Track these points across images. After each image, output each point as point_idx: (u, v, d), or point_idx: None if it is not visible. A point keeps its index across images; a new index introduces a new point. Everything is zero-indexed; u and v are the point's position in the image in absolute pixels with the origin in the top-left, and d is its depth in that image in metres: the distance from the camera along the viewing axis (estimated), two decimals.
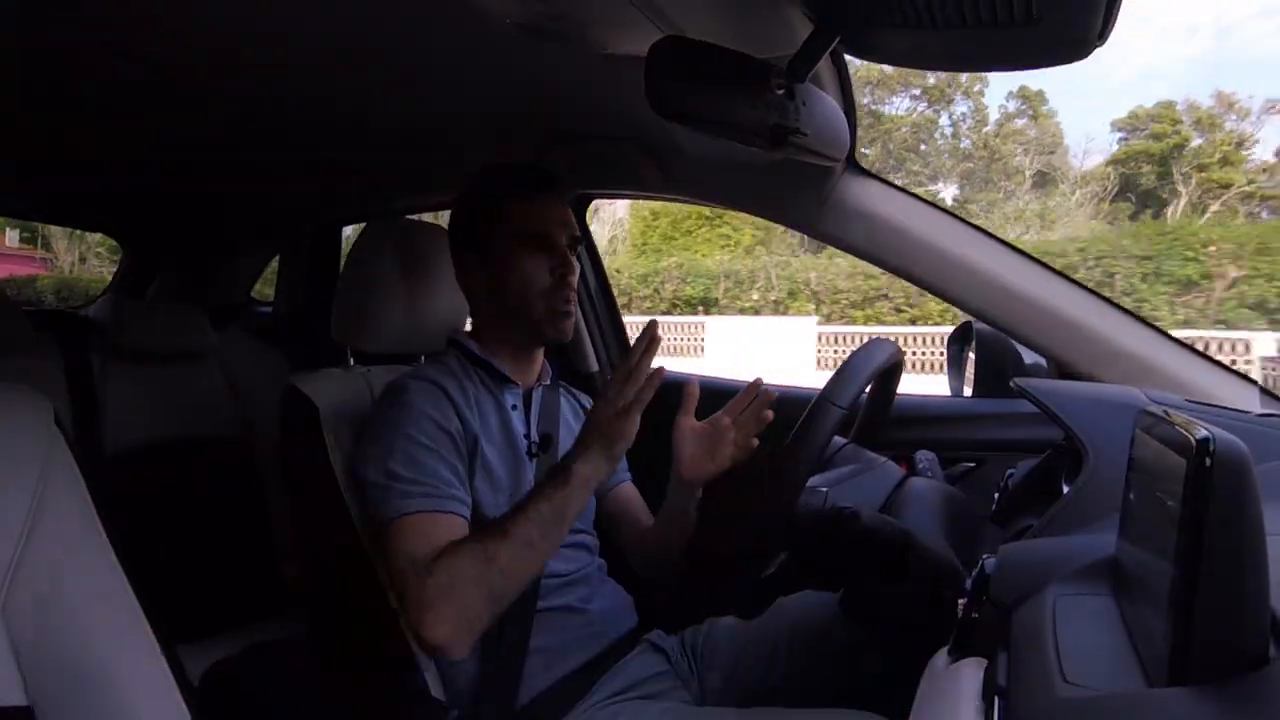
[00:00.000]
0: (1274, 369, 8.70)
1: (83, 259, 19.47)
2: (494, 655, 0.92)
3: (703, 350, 13.47)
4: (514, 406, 1.05)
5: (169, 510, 1.54)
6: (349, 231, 2.13)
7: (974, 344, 1.16)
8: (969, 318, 1.12)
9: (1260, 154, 19.78)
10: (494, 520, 0.87)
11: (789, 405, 1.29)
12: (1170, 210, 19.35)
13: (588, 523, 1.08)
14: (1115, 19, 0.59)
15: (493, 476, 0.96)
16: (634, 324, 1.15)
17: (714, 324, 13.87)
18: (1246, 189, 18.82)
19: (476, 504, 0.94)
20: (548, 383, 1.12)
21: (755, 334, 12.87)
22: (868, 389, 0.92)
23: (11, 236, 18.88)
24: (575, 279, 1.04)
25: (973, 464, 1.16)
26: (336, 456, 0.98)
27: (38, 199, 1.98)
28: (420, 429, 0.92)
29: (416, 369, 1.02)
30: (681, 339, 13.85)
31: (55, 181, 1.72)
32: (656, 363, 0.87)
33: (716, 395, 1.51)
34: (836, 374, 0.76)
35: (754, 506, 0.71)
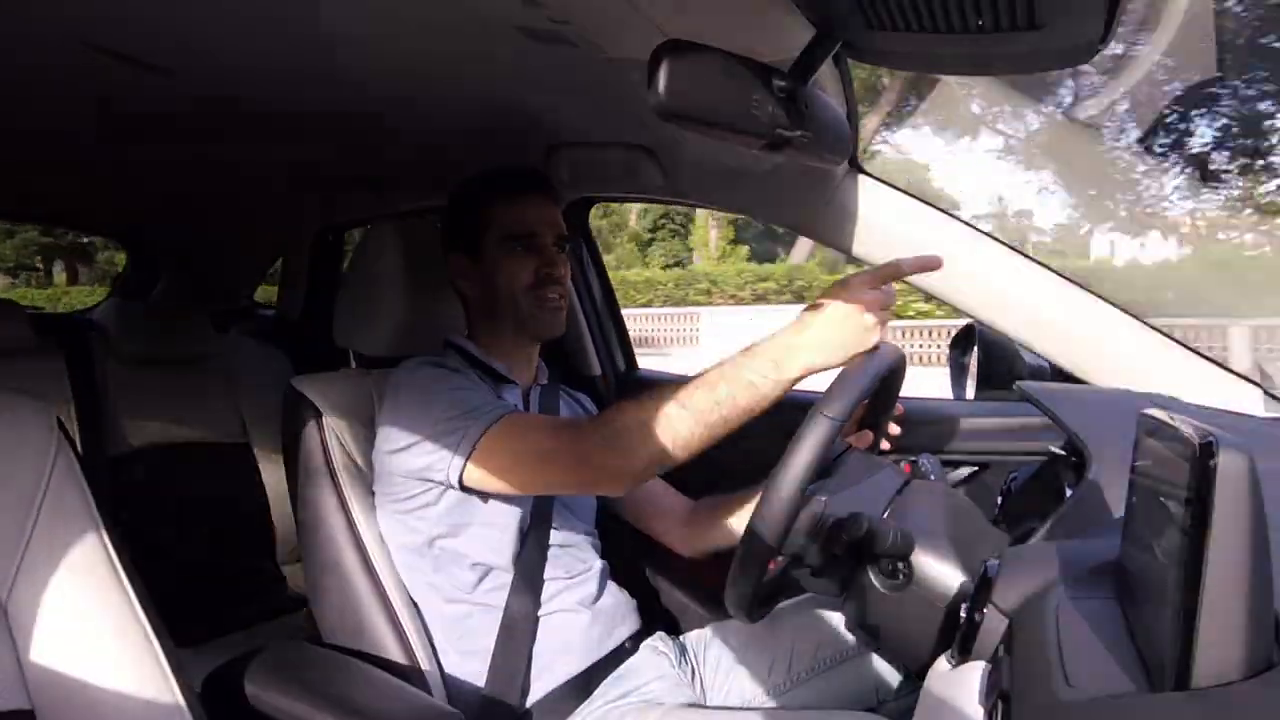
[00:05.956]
0: None
1: None
2: (498, 657, 0.92)
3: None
4: (515, 407, 1.05)
5: (171, 514, 1.54)
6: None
7: (976, 347, 1.15)
8: (970, 320, 1.12)
9: None
10: (673, 386, 0.81)
11: (791, 410, 1.29)
12: None
13: (589, 521, 1.09)
14: (1117, 22, 0.59)
15: None
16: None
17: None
18: None
19: (477, 503, 0.94)
20: (545, 382, 1.12)
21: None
22: (869, 394, 0.92)
23: None
24: (564, 275, 1.05)
25: (975, 468, 1.16)
26: (338, 458, 0.98)
27: (40, 203, 1.99)
28: (447, 382, 0.94)
29: (425, 357, 1.02)
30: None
31: (57, 185, 1.73)
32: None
33: None
34: (833, 384, 0.76)
35: (750, 522, 0.71)
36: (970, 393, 1.18)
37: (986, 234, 1.03)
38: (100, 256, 16.67)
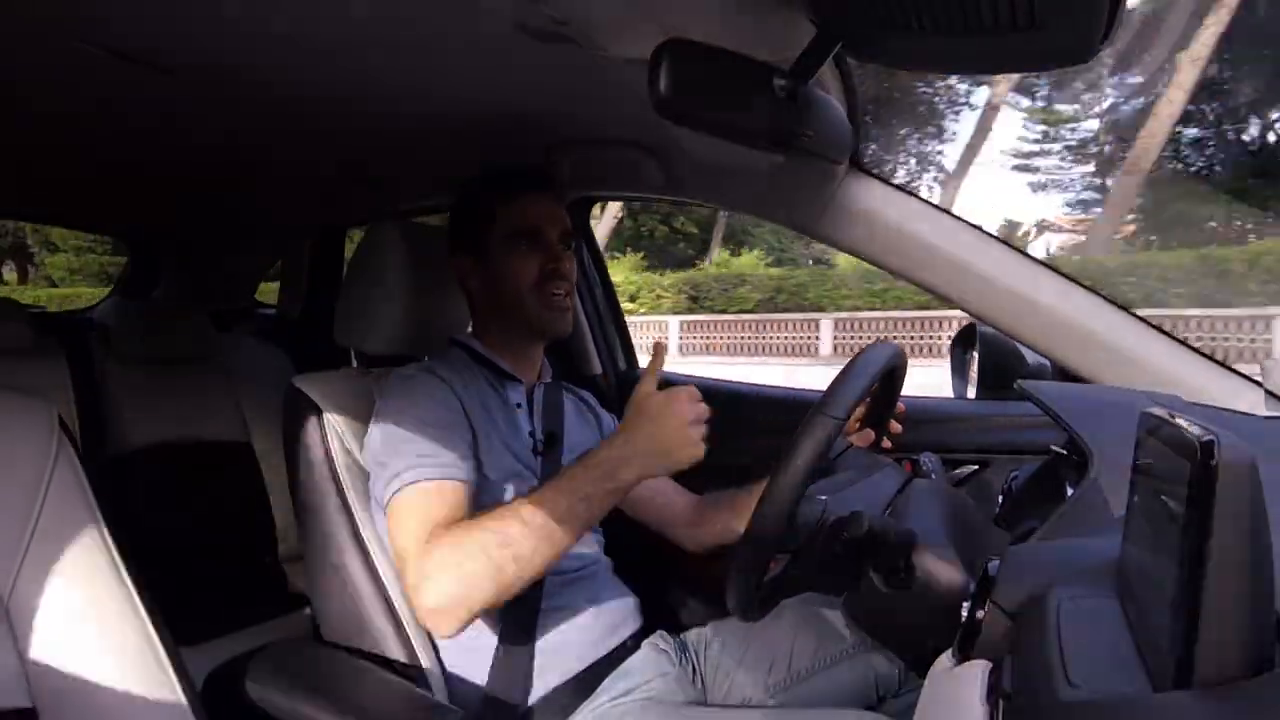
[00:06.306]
0: None
1: None
2: (499, 656, 0.92)
3: None
4: (518, 405, 1.05)
5: (173, 512, 1.55)
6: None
7: (977, 346, 1.16)
8: (970, 319, 1.12)
9: None
10: (515, 503, 0.82)
11: (792, 408, 1.29)
12: None
13: None
14: (1117, 21, 0.59)
15: (494, 470, 0.96)
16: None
17: None
18: None
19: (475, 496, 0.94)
20: (549, 380, 1.12)
21: None
22: (870, 393, 0.92)
23: None
24: (570, 271, 1.04)
25: (976, 466, 1.16)
26: (339, 457, 0.98)
27: (41, 201, 1.99)
28: (419, 408, 0.92)
29: (421, 363, 1.02)
30: None
31: (58, 183, 1.73)
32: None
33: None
34: (834, 382, 0.76)
35: (750, 522, 0.71)
36: (971, 391, 1.19)
37: (988, 233, 1.02)
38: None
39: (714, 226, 19.19)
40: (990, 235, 1.02)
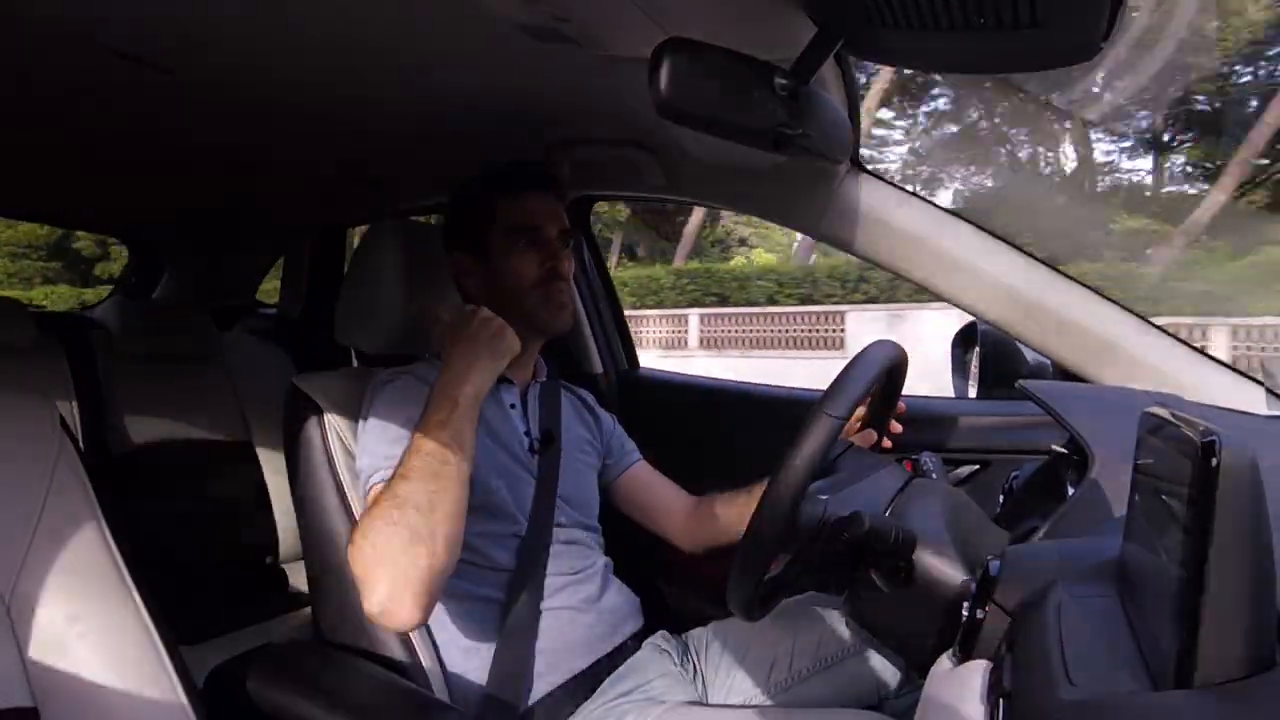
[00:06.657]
0: None
1: None
2: (500, 656, 0.92)
3: None
4: (512, 405, 1.05)
5: (173, 511, 1.55)
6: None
7: (978, 345, 1.15)
8: (972, 318, 1.12)
9: None
10: (394, 469, 0.83)
11: (793, 407, 1.29)
12: None
13: (592, 518, 1.09)
14: (1119, 20, 0.59)
15: (487, 471, 0.96)
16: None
17: None
18: None
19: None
20: (544, 379, 1.12)
21: None
22: (871, 392, 0.92)
23: None
24: (568, 269, 1.04)
25: (977, 466, 1.16)
26: (339, 456, 0.98)
27: (42, 201, 1.99)
28: (394, 413, 0.92)
29: (404, 368, 1.02)
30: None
31: (60, 183, 1.73)
32: None
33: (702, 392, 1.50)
34: (834, 381, 0.75)
35: (751, 521, 0.70)
36: (972, 391, 1.18)
37: (988, 231, 1.02)
38: None
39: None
40: (991, 234, 1.02)
